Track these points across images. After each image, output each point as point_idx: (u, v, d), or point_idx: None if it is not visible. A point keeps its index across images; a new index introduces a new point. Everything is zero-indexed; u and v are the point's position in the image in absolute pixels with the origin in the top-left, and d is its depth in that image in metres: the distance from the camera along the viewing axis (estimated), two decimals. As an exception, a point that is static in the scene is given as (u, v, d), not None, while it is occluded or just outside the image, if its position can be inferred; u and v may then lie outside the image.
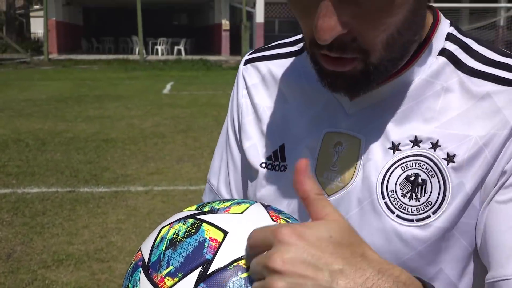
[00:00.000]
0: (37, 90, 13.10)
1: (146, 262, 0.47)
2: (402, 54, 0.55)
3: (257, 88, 0.70)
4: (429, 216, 0.56)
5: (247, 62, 0.73)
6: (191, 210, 0.51)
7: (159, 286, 0.44)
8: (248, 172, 0.70)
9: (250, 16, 22.65)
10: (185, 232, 0.46)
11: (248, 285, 0.42)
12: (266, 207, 0.51)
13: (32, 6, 32.33)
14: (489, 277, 0.52)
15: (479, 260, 0.56)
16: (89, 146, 6.96)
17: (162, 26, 32.04)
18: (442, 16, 0.61)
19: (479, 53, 0.58)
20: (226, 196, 0.74)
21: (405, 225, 0.56)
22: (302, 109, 0.65)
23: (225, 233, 0.45)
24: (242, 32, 21.40)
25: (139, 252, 0.49)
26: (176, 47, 25.16)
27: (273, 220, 0.48)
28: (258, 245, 0.40)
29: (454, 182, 0.55)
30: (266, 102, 0.68)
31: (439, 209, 0.55)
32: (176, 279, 0.43)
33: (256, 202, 0.52)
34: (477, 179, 0.54)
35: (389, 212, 0.57)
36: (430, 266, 0.57)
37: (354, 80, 0.54)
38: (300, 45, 0.69)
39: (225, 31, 23.51)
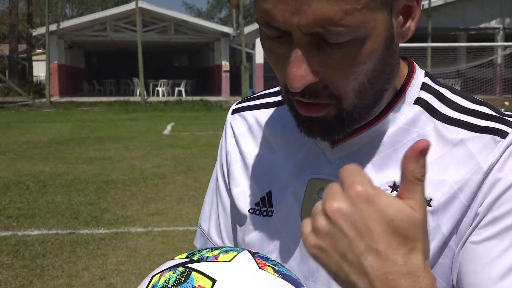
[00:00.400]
0: (38, 132, 13.28)
1: None
2: (375, 101, 0.58)
3: (244, 136, 0.73)
4: None
5: (235, 111, 0.77)
6: (181, 258, 0.54)
7: None
8: (237, 217, 0.73)
9: (250, 57, 23.13)
10: (175, 281, 0.49)
11: None
12: (254, 254, 0.53)
13: (34, 50, 32.91)
14: None
15: None
16: (90, 188, 6.97)
17: (163, 68, 33.13)
18: (417, 66, 0.64)
19: (453, 101, 0.62)
20: (216, 239, 0.77)
21: None
22: (287, 156, 0.68)
23: (214, 281, 0.48)
24: (242, 73, 21.90)
25: None
26: (176, 88, 25.64)
27: (259, 267, 0.51)
28: (341, 182, 0.42)
29: (431, 225, 0.59)
30: (253, 150, 0.72)
31: None
32: None
33: (244, 250, 0.55)
34: (452, 222, 0.57)
35: None
36: None
37: (328, 125, 0.56)
38: (281, 95, 0.74)
39: (225, 72, 23.99)
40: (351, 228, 0.40)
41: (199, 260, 0.52)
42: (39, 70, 33.02)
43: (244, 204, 0.71)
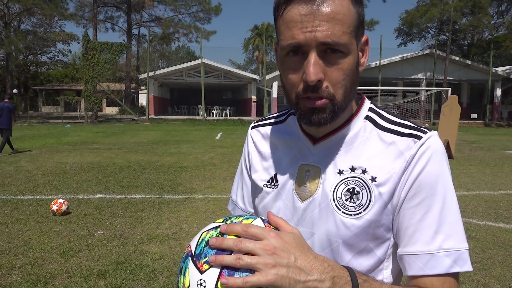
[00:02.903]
0: (141, 136, 16.44)
1: (193, 253, 0.67)
2: (347, 107, 0.80)
3: (259, 142, 0.98)
4: (361, 212, 0.80)
5: (253, 127, 1.02)
6: (219, 222, 0.71)
7: (200, 268, 0.64)
8: (256, 191, 0.96)
9: (269, 93, 29.99)
10: (215, 236, 0.66)
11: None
12: (263, 220, 0.70)
13: (140, 87, 40.98)
14: (399, 252, 0.79)
15: (394, 241, 0.81)
16: (171, 170, 8.55)
17: (216, 99, 41.00)
18: (366, 98, 0.88)
19: (388, 118, 0.85)
20: (241, 205, 1.02)
21: (347, 217, 0.80)
22: (286, 152, 0.91)
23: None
24: (264, 103, 29.94)
25: (189, 246, 0.70)
26: (224, 112, 31.90)
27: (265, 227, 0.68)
28: (255, 235, 0.63)
29: (376, 193, 0.79)
30: (265, 149, 0.96)
31: (367, 208, 0.79)
32: (209, 265, 0.63)
33: (258, 217, 0.72)
34: (389, 192, 0.78)
35: (338, 210, 0.81)
36: (361, 242, 0.80)
37: (324, 115, 0.76)
38: (283, 117, 0.98)
39: (253, 102, 31.73)
40: (282, 252, 0.62)
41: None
42: (142, 99, 41.76)
43: (261, 181, 0.94)
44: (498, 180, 8.23)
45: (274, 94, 30.94)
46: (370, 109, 0.88)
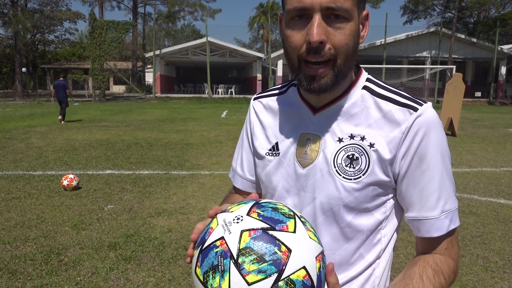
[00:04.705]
0: (148, 114, 16.52)
1: (235, 257, 0.63)
2: (347, 74, 0.83)
3: (261, 112, 1.01)
4: (360, 177, 0.84)
5: (255, 99, 1.06)
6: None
7: (246, 279, 0.61)
8: (257, 157, 1.00)
9: (274, 72, 30.50)
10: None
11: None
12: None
13: (146, 65, 41.26)
14: (407, 216, 0.86)
15: (394, 202, 0.88)
16: (177, 147, 8.65)
17: (222, 77, 40.95)
18: (363, 69, 0.91)
19: (385, 86, 0.89)
20: (240, 172, 1.08)
21: (347, 182, 0.85)
22: (286, 121, 0.94)
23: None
24: (269, 81, 28.04)
25: (222, 240, 0.65)
26: (229, 90, 31.94)
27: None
28: None
29: (374, 158, 0.83)
30: (266, 119, 0.99)
31: (366, 172, 0.84)
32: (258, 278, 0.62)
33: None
34: (387, 158, 0.83)
35: (338, 175, 0.85)
36: (361, 204, 0.85)
37: (326, 79, 0.78)
38: (284, 89, 1.00)
39: (259, 81, 32.03)
40: None
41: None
42: (149, 77, 41.95)
43: (262, 150, 0.97)
44: (500, 158, 8.26)
45: (279, 72, 31.51)
46: (368, 79, 0.91)
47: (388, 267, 0.94)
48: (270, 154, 0.96)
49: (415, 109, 0.83)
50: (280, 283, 0.62)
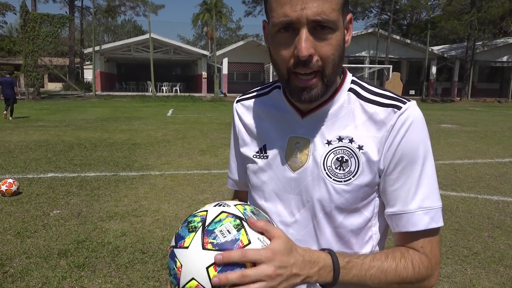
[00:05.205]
0: (88, 113, 15.84)
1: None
2: (333, 81, 0.85)
3: (244, 114, 1.02)
4: (350, 179, 0.86)
5: (237, 101, 1.05)
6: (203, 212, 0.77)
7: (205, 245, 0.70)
8: (246, 161, 1.01)
9: (219, 70, 30.48)
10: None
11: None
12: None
13: (84, 62, 39.59)
14: (386, 211, 0.89)
15: (380, 200, 0.90)
16: (124, 147, 8.40)
17: (166, 75, 40.21)
18: (347, 71, 0.93)
19: (369, 89, 0.90)
20: (229, 173, 1.12)
21: (338, 184, 0.87)
22: (273, 125, 0.95)
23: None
24: (214, 79, 27.87)
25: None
26: (174, 88, 31.50)
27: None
28: (254, 259, 0.69)
29: (363, 160, 0.86)
30: (251, 122, 1.00)
31: (355, 174, 0.86)
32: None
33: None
34: (375, 158, 0.85)
35: (328, 177, 0.87)
36: (351, 205, 0.88)
37: (314, 92, 0.80)
38: (267, 90, 1.01)
39: (204, 79, 31.36)
40: (279, 269, 0.69)
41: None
42: (88, 74, 40.49)
43: (250, 152, 0.98)
44: (435, 152, 8.67)
45: (225, 70, 31.68)
46: (353, 82, 0.93)
47: None
48: (258, 157, 0.97)
49: (399, 108, 0.85)
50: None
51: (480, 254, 3.63)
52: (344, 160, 0.87)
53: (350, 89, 0.91)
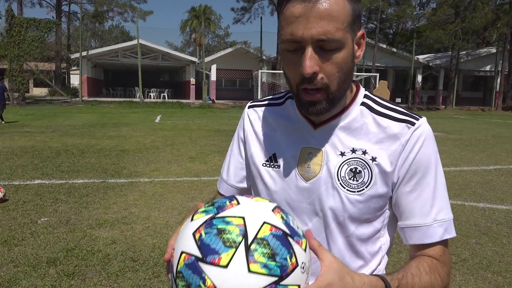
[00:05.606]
0: (75, 119, 15.69)
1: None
2: (342, 96, 0.87)
3: (256, 121, 1.02)
4: (363, 189, 0.88)
5: (250, 107, 1.06)
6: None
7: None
8: (252, 167, 1.01)
9: (208, 76, 30.68)
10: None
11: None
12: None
13: (71, 67, 39.21)
14: (400, 224, 0.91)
15: (390, 212, 0.93)
16: (112, 154, 8.33)
17: (154, 81, 40.27)
18: (361, 86, 0.95)
19: (382, 103, 0.93)
20: (224, 176, 1.09)
21: (351, 194, 0.89)
22: (285, 135, 0.96)
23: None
24: (203, 86, 28.00)
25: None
26: (162, 94, 31.69)
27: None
28: None
29: (376, 171, 0.88)
30: (261, 130, 1.00)
31: (368, 185, 0.88)
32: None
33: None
34: (388, 170, 0.87)
35: (342, 188, 0.89)
36: (364, 215, 0.90)
37: (321, 106, 0.82)
38: (281, 100, 1.01)
39: (192, 85, 31.77)
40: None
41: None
42: (74, 80, 40.08)
43: (258, 160, 0.99)
44: None
45: (213, 77, 31.80)
46: (365, 96, 0.95)
47: (384, 271, 1.00)
48: (268, 166, 0.98)
49: (413, 124, 0.88)
50: (214, 220, 0.65)
51: (468, 261, 3.69)
52: (358, 171, 0.89)
53: (363, 103, 0.94)
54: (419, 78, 35.12)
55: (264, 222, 0.65)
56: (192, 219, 0.70)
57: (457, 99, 34.90)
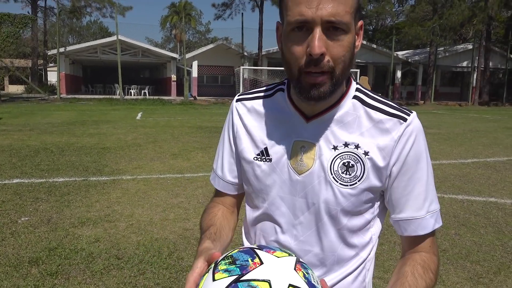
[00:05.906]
0: (54, 117, 15.31)
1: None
2: (341, 84, 0.86)
3: (245, 115, 1.00)
4: (356, 183, 0.89)
5: (238, 100, 1.04)
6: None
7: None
8: (243, 161, 1.00)
9: (189, 72, 30.09)
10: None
11: None
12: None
13: (48, 64, 38.29)
14: (393, 217, 0.92)
15: (382, 206, 0.96)
16: (93, 152, 8.23)
17: (134, 78, 39.88)
18: (352, 79, 0.94)
19: (374, 96, 0.93)
20: (219, 173, 1.07)
21: (344, 188, 0.90)
22: (276, 127, 0.95)
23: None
24: (184, 82, 27.77)
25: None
26: (143, 91, 31.09)
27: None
28: None
29: (369, 165, 0.89)
30: (251, 123, 0.99)
31: (361, 179, 0.89)
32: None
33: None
34: (381, 165, 0.88)
35: (335, 181, 0.90)
36: (356, 208, 0.91)
37: (325, 88, 0.81)
38: (270, 92, 1.00)
39: (173, 81, 31.31)
40: None
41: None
42: (52, 77, 39.13)
43: (249, 154, 0.98)
44: None
45: (194, 73, 31.47)
46: (357, 89, 0.95)
47: (373, 260, 1.03)
48: (259, 159, 0.97)
49: (405, 119, 0.90)
50: (239, 284, 0.64)
51: (448, 251, 3.79)
52: (351, 165, 0.89)
53: (355, 97, 0.94)
54: (399, 74, 35.67)
55: (290, 285, 0.66)
56: (214, 279, 0.69)
57: (436, 94, 35.56)
